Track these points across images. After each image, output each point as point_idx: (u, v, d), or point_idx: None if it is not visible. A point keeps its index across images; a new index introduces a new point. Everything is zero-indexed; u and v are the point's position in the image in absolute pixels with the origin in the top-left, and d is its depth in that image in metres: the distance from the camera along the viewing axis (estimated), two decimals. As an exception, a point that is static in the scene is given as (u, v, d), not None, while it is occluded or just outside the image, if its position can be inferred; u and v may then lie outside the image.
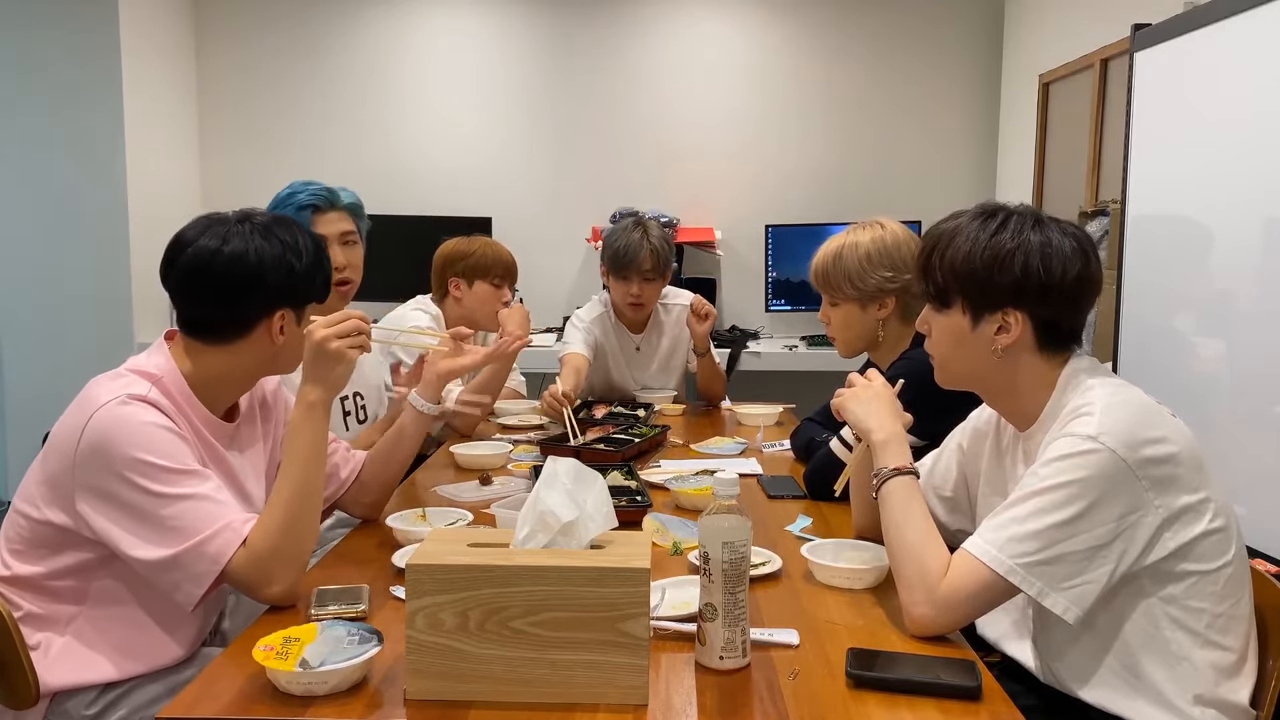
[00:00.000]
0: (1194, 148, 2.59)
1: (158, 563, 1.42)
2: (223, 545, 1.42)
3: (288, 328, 1.60)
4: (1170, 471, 1.30)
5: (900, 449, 1.53)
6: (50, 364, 4.45)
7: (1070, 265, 1.40)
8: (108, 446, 1.42)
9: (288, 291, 1.58)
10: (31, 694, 1.44)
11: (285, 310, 1.59)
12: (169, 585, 1.44)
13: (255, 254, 1.55)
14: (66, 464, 1.44)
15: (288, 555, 1.46)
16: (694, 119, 4.97)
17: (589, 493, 1.27)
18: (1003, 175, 4.85)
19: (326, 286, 1.66)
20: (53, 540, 1.50)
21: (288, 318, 1.60)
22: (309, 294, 1.63)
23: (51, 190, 4.47)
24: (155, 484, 1.41)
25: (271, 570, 1.44)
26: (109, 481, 1.42)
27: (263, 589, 1.44)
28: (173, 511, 1.41)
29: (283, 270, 1.57)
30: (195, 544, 1.41)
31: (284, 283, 1.57)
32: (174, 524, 1.41)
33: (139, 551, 1.42)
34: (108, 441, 1.42)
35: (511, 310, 2.86)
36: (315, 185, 2.29)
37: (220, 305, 1.56)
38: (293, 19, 4.93)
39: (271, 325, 1.58)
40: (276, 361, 1.64)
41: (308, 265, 1.60)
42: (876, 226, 2.16)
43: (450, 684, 1.17)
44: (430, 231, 3.32)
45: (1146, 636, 1.33)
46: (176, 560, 1.41)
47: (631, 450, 2.43)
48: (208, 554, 1.41)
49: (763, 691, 1.21)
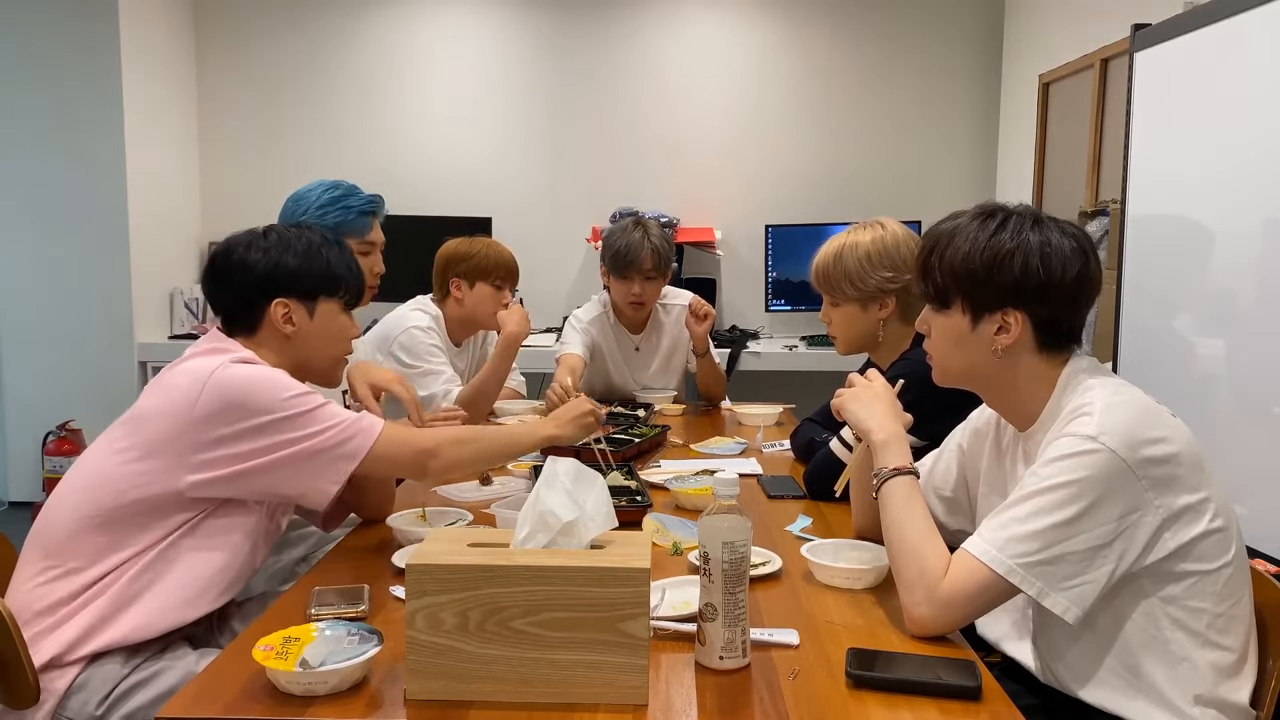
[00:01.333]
0: (1194, 148, 2.59)
1: (303, 451, 1.57)
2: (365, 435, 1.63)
3: (297, 317, 1.72)
4: (1170, 471, 1.30)
5: (900, 449, 1.53)
6: (50, 364, 4.45)
7: (1070, 265, 1.40)
8: (244, 397, 1.56)
9: (282, 282, 1.71)
10: (32, 694, 1.44)
11: (285, 300, 1.71)
12: (302, 487, 1.60)
13: (244, 249, 1.72)
14: (180, 428, 1.55)
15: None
16: (694, 119, 4.97)
17: (589, 493, 1.27)
18: (1003, 175, 4.85)
19: (333, 283, 1.76)
20: (136, 516, 1.56)
21: (293, 307, 1.71)
22: (307, 286, 1.73)
23: (51, 190, 4.47)
24: (284, 408, 1.58)
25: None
26: (237, 425, 1.56)
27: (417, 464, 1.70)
28: (308, 417, 1.59)
29: (271, 262, 1.71)
30: (335, 433, 1.60)
31: (273, 273, 1.71)
32: (313, 426, 1.59)
33: (286, 451, 1.56)
34: (242, 393, 1.56)
35: (510, 310, 2.86)
36: (363, 191, 2.37)
37: (223, 295, 1.73)
38: (292, 19, 4.93)
39: (273, 314, 1.70)
40: (301, 355, 1.75)
41: (303, 259, 1.73)
42: (877, 226, 2.16)
43: (450, 684, 1.17)
44: (430, 231, 3.33)
45: (1147, 636, 1.33)
46: (317, 451, 1.58)
47: (631, 450, 2.43)
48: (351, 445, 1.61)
49: (763, 691, 1.21)
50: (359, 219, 2.33)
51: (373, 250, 2.38)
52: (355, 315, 1.85)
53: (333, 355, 1.81)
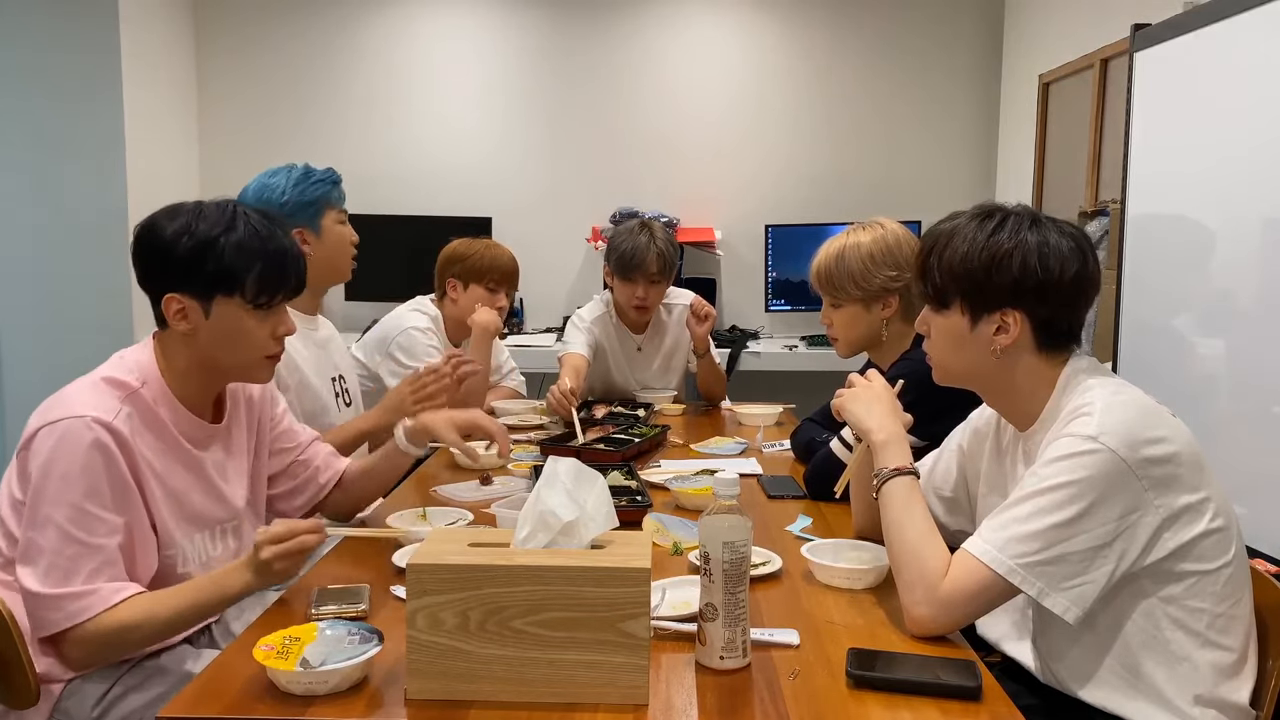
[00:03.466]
0: (1194, 148, 2.59)
1: (28, 594, 1.42)
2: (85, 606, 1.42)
3: (191, 314, 1.55)
4: (1170, 471, 1.30)
5: (900, 449, 1.53)
6: (50, 364, 4.44)
7: (1068, 265, 1.40)
8: (44, 469, 1.44)
9: (172, 275, 1.55)
10: (32, 694, 1.44)
11: (173, 295, 1.55)
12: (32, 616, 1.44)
13: (148, 231, 1.57)
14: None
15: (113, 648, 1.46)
16: (694, 119, 4.97)
17: (589, 493, 1.27)
18: (1003, 175, 4.85)
19: (228, 280, 1.55)
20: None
21: (185, 303, 1.55)
22: (197, 282, 1.55)
23: (51, 190, 4.46)
24: (69, 522, 1.43)
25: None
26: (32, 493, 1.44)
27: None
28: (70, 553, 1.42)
29: (162, 250, 1.55)
30: (65, 594, 1.41)
31: (164, 265, 1.55)
32: (51, 559, 1.42)
33: (22, 571, 1.43)
34: (45, 463, 1.44)
35: (480, 310, 2.83)
36: (321, 170, 2.31)
37: (141, 283, 1.59)
38: (293, 19, 4.93)
39: (167, 308, 1.56)
40: (206, 355, 1.59)
41: (194, 250, 1.53)
42: (876, 227, 2.16)
43: (450, 684, 1.17)
44: (430, 231, 3.33)
45: (1147, 636, 1.33)
46: (39, 599, 1.42)
47: (631, 450, 2.43)
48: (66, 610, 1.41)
49: (763, 691, 1.21)
50: (334, 189, 2.30)
51: (346, 219, 2.36)
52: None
53: (245, 359, 1.61)
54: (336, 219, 2.30)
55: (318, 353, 2.32)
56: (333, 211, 2.29)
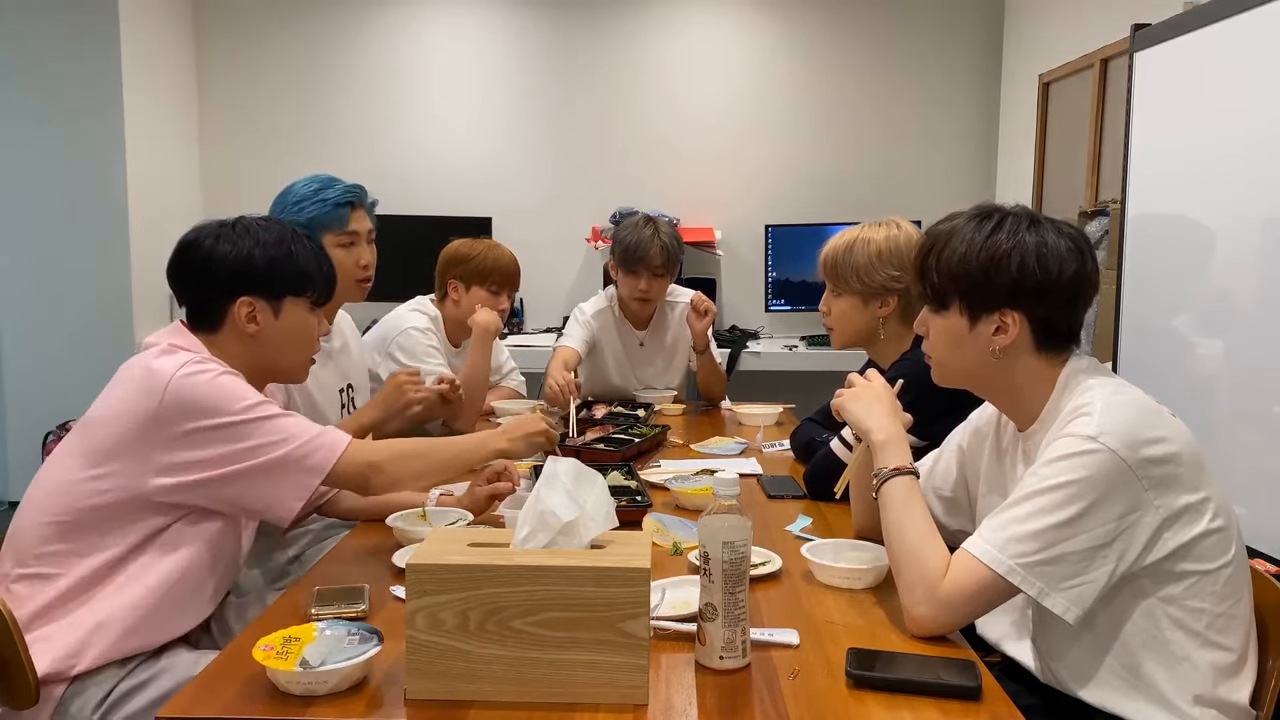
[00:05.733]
0: (1194, 148, 2.59)
1: (269, 463, 1.54)
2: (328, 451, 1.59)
3: (262, 317, 1.67)
4: (1170, 471, 1.30)
5: (900, 449, 1.53)
6: (50, 363, 4.45)
7: (1066, 265, 1.40)
8: (211, 403, 1.53)
9: (246, 279, 1.65)
10: (32, 694, 1.43)
11: (249, 298, 1.65)
12: (268, 499, 1.57)
13: (212, 241, 1.66)
14: (143, 430, 1.52)
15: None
16: (694, 119, 4.97)
17: (589, 493, 1.27)
18: (1003, 175, 4.85)
19: (301, 281, 1.70)
20: (103, 522, 1.52)
21: (258, 306, 1.66)
22: (273, 284, 1.67)
23: (51, 190, 4.47)
24: (249, 414, 1.55)
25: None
26: (202, 431, 1.52)
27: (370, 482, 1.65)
28: (273, 426, 1.56)
29: (236, 257, 1.65)
30: (300, 446, 1.57)
31: (238, 270, 1.64)
32: (276, 435, 1.56)
33: (251, 461, 1.53)
34: (210, 398, 1.53)
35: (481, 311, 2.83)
36: (343, 181, 2.29)
37: (187, 290, 1.68)
38: (293, 19, 4.93)
39: (238, 312, 1.65)
40: (265, 355, 1.69)
41: (270, 255, 1.66)
42: (892, 225, 2.16)
43: (450, 684, 1.17)
44: (430, 232, 3.32)
45: (1147, 636, 1.33)
46: (283, 463, 1.55)
47: (631, 450, 2.43)
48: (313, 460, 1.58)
49: (763, 691, 1.21)
50: (335, 211, 2.22)
51: (357, 241, 2.28)
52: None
53: (298, 358, 1.75)
54: (336, 241, 2.21)
55: (326, 362, 2.32)
56: (330, 235, 2.20)
